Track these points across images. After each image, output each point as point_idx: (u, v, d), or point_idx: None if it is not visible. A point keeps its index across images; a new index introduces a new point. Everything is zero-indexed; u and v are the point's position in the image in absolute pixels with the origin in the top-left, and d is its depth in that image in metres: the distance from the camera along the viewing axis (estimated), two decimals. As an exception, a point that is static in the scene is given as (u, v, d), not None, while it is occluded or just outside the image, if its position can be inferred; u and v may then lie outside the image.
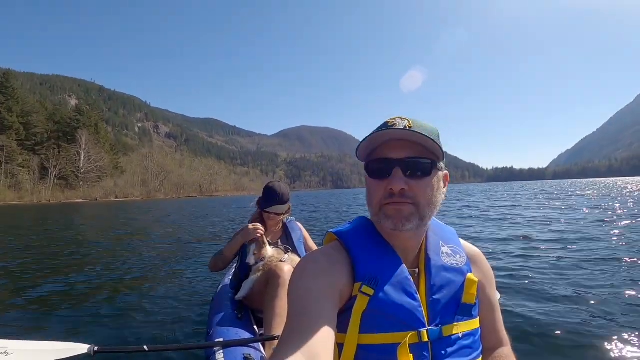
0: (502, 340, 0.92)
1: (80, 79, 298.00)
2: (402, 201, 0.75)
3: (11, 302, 3.60)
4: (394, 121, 0.78)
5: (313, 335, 0.62)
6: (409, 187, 0.75)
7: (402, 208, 0.75)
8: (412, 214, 0.75)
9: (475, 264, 0.90)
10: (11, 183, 66.15)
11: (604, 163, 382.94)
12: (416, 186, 0.76)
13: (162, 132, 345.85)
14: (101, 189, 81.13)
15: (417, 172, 0.76)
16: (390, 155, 0.77)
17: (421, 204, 0.76)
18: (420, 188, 0.76)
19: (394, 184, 0.74)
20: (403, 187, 0.74)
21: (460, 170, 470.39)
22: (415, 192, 0.76)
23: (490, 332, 0.90)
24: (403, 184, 0.74)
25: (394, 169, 0.76)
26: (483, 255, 0.94)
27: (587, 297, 3.04)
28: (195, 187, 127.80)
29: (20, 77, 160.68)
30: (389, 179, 0.76)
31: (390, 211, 0.76)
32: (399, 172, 0.75)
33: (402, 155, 0.76)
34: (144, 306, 3.33)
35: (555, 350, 2.22)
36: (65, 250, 7.00)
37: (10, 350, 1.46)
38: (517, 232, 6.90)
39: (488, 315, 0.89)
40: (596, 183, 59.70)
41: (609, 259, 4.32)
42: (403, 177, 0.75)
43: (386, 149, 0.78)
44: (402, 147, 0.77)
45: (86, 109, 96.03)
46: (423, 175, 0.76)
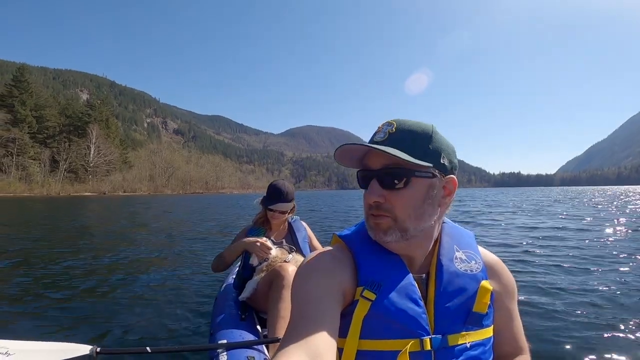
0: (521, 349, 0.88)
1: (92, 73, 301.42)
2: (379, 214, 0.73)
3: (12, 301, 3.56)
4: (379, 129, 0.76)
5: (316, 337, 0.61)
6: (385, 199, 0.73)
7: (380, 222, 0.73)
8: (389, 228, 0.73)
9: (495, 273, 0.85)
10: (22, 175, 67.68)
11: (613, 170, 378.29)
12: (393, 198, 0.72)
13: (170, 128, 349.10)
14: (109, 183, 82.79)
15: (393, 183, 0.72)
16: (370, 165, 0.75)
17: (399, 218, 0.73)
18: (397, 200, 0.72)
19: (367, 197, 0.73)
20: (376, 199, 0.72)
21: (466, 174, 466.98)
22: (393, 205, 0.73)
23: (508, 340, 0.86)
24: (376, 197, 0.72)
25: (371, 180, 0.74)
26: (504, 265, 0.89)
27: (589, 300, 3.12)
28: (202, 184, 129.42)
29: (34, 72, 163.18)
30: (367, 191, 0.75)
31: (371, 223, 0.75)
32: (375, 184, 0.73)
33: (378, 165, 0.74)
34: (147, 306, 3.33)
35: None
36: (68, 247, 6.92)
37: (11, 350, 1.47)
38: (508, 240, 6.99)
39: (506, 325, 0.85)
40: (603, 191, 58.97)
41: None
42: (380, 188, 0.73)
43: (367, 158, 0.76)
44: (378, 157, 0.74)
45: (97, 103, 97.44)
46: (400, 187, 0.72)
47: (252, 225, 2.38)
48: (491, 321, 0.80)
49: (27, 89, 75.94)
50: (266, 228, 2.35)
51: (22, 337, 1.59)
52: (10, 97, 71.87)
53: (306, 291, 0.70)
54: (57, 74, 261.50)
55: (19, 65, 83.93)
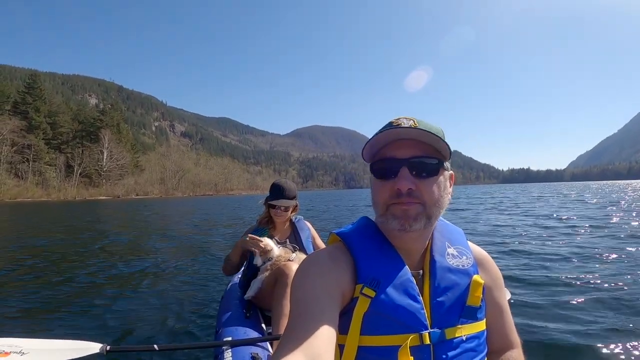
0: (512, 343, 0.90)
1: (100, 78, 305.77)
2: (409, 201, 0.75)
3: (24, 301, 3.66)
4: (399, 121, 0.78)
5: (314, 335, 0.62)
6: (416, 186, 0.75)
7: (409, 208, 0.75)
8: (419, 214, 0.75)
9: (483, 267, 0.89)
10: (39, 180, 69.27)
11: (624, 165, 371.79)
12: (423, 186, 0.75)
13: (178, 131, 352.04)
14: (122, 186, 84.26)
15: (424, 171, 0.76)
16: (396, 155, 0.77)
17: (428, 204, 0.76)
18: (427, 188, 0.76)
19: (401, 184, 0.74)
20: (410, 186, 0.74)
21: (474, 171, 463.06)
22: (422, 192, 0.75)
23: (499, 334, 0.89)
24: (410, 184, 0.74)
25: (400, 168, 0.75)
26: (491, 258, 0.93)
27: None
28: (211, 186, 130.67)
29: (43, 78, 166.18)
30: (395, 179, 0.76)
31: (397, 211, 0.76)
32: (405, 172, 0.75)
33: (408, 154, 0.76)
34: (155, 305, 3.41)
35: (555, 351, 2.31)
36: (80, 249, 7.11)
37: (25, 349, 1.51)
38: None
39: (496, 319, 0.88)
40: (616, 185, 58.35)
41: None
42: (410, 176, 0.75)
43: (392, 148, 0.78)
44: (407, 147, 0.77)
45: (108, 109, 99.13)
46: (430, 175, 0.76)
47: (257, 225, 2.44)
48: (484, 314, 0.83)
49: (40, 95, 77.79)
50: (270, 227, 2.39)
51: (35, 335, 1.64)
52: (24, 104, 73.55)
53: (304, 290, 0.72)
54: (65, 79, 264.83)
55: (28, 71, 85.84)
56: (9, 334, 1.68)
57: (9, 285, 4.39)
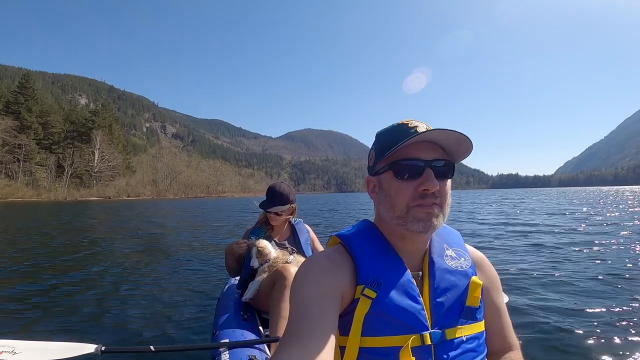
0: (510, 345, 0.90)
1: (90, 78, 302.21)
2: (434, 202, 0.76)
3: (18, 301, 3.58)
4: (414, 123, 0.79)
5: (314, 338, 0.63)
6: (439, 187, 0.77)
7: (433, 210, 0.76)
8: (438, 215, 0.77)
9: (481, 268, 0.90)
10: (29, 180, 68.78)
11: (610, 171, 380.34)
12: (443, 187, 0.78)
13: (169, 132, 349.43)
14: (114, 187, 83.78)
15: (445, 173, 0.79)
16: (421, 156, 0.77)
17: (444, 205, 0.79)
18: (445, 190, 0.78)
19: (429, 185, 0.75)
20: (438, 187, 0.76)
21: (465, 176, 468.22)
22: (442, 194, 0.78)
23: (498, 336, 0.89)
24: (437, 185, 0.76)
25: (425, 169, 0.76)
26: (488, 260, 0.95)
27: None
28: (203, 188, 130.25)
29: (33, 77, 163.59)
30: (419, 180, 0.76)
31: (420, 213, 0.76)
32: (431, 173, 0.76)
33: (431, 156, 0.78)
34: (151, 306, 3.36)
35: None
36: (73, 249, 6.99)
37: (17, 349, 1.48)
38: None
39: (494, 320, 0.89)
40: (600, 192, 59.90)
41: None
42: (434, 178, 0.76)
43: (413, 149, 0.78)
44: (428, 149, 0.78)
45: (100, 109, 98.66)
46: (447, 177, 0.79)
47: (255, 226, 2.45)
48: (483, 315, 0.84)
49: (33, 95, 77.14)
50: (268, 229, 2.39)
51: (29, 337, 1.63)
52: (16, 104, 73.08)
53: (303, 293, 0.73)
54: (55, 78, 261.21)
55: (18, 70, 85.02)
56: (1, 335, 1.67)
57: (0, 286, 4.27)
